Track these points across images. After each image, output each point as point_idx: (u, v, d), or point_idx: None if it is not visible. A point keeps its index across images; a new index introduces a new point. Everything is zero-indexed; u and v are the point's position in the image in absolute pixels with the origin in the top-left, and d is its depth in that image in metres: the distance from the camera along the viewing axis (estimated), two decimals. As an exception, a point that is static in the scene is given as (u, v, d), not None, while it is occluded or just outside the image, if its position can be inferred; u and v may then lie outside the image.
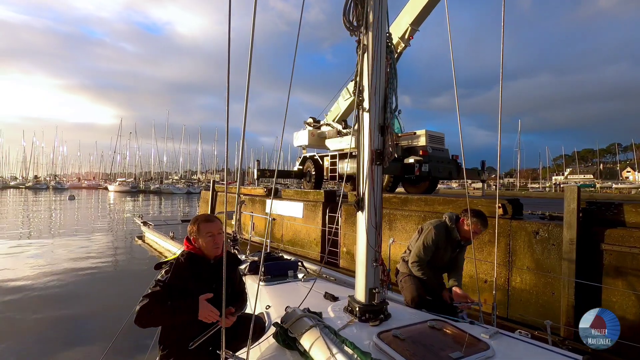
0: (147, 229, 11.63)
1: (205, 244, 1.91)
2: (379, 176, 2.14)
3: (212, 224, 1.95)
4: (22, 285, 6.90)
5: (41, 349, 4.40)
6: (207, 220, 1.98)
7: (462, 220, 2.90)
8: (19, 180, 65.77)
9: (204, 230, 1.92)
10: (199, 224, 1.95)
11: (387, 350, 1.55)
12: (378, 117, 2.11)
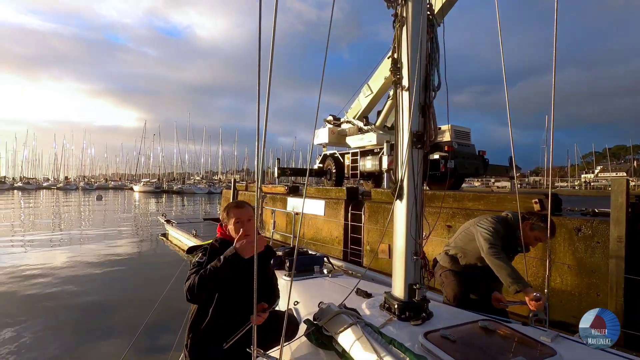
0: (171, 227, 11.78)
1: (233, 230, 1.83)
2: (419, 161, 1.95)
3: (242, 210, 1.86)
4: (53, 278, 7.12)
5: (70, 338, 4.49)
6: (237, 206, 1.89)
7: (527, 223, 2.51)
8: (51, 181, 68.64)
9: (233, 215, 1.84)
10: (228, 210, 1.88)
11: (437, 353, 1.37)
12: (418, 96, 1.92)
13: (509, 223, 2.56)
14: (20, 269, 7.95)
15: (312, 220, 8.86)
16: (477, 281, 2.64)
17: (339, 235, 8.03)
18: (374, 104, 12.47)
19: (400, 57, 1.98)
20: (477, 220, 2.69)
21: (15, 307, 5.62)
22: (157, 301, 3.02)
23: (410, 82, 1.92)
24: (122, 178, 77.69)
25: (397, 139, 2.00)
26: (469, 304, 2.46)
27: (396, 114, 2.02)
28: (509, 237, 2.53)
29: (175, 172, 67.18)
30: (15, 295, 6.13)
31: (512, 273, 2.29)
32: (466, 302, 2.50)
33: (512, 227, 2.53)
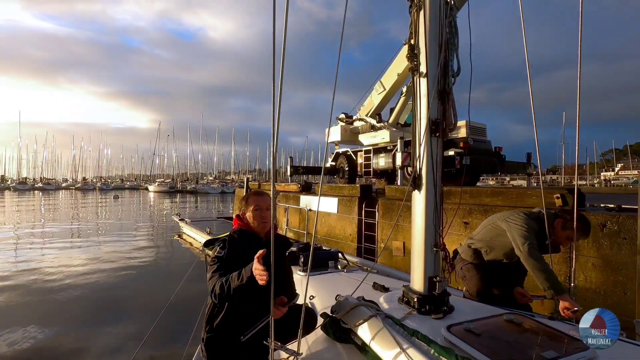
0: (185, 225, 11.92)
1: (251, 218, 1.82)
2: (437, 149, 1.88)
3: (261, 198, 1.86)
4: (73, 273, 7.30)
5: (87, 330, 4.61)
6: (257, 194, 1.89)
7: (559, 221, 2.38)
8: (69, 182, 70.47)
9: (253, 202, 1.83)
10: (248, 197, 1.87)
11: (462, 346, 1.30)
12: (437, 82, 1.86)
13: (541, 220, 2.40)
14: (44, 263, 8.19)
15: (324, 217, 8.82)
16: (500, 277, 2.54)
17: (353, 232, 7.96)
18: (387, 101, 12.35)
19: (417, 42, 1.92)
20: (507, 215, 2.54)
21: (38, 299, 5.78)
22: (172, 295, 3.02)
23: (428, 68, 1.85)
24: (137, 178, 79.23)
25: (415, 128, 1.94)
26: (491, 298, 2.37)
27: (414, 102, 1.95)
28: (541, 235, 2.38)
29: (189, 172, 68.17)
30: (39, 289, 6.29)
31: (549, 276, 2.16)
32: (489, 297, 2.41)
33: (542, 224, 2.38)
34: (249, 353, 1.70)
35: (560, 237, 2.38)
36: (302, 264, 3.03)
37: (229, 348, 1.70)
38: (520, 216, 2.44)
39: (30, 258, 9.02)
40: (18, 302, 5.72)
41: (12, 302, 5.74)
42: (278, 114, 1.32)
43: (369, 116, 12.56)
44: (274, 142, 1.35)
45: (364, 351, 1.45)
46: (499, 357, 1.24)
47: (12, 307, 5.53)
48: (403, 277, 2.88)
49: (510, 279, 2.52)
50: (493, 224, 2.61)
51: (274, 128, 1.32)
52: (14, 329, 4.64)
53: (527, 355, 1.28)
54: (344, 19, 1.90)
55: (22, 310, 5.39)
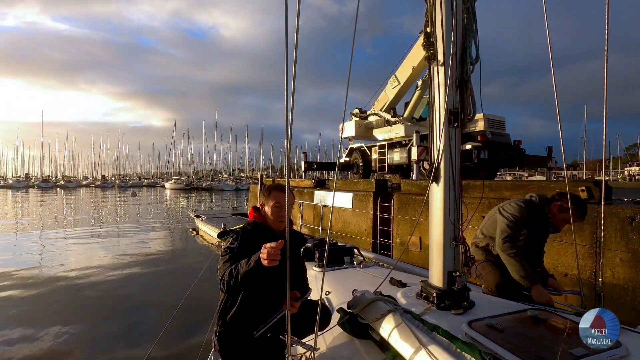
0: (200, 221, 12.09)
1: (270, 213, 1.80)
2: (456, 140, 1.82)
3: (280, 194, 1.83)
4: (93, 268, 7.49)
5: (103, 326, 4.71)
6: (279, 189, 1.85)
7: (556, 204, 2.43)
8: (89, 180, 72.55)
9: (274, 198, 1.80)
10: (270, 191, 1.84)
11: (484, 342, 1.26)
12: (455, 70, 1.79)
13: (535, 205, 2.48)
14: (66, 257, 8.46)
15: (339, 213, 8.78)
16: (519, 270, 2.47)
17: (368, 228, 7.91)
18: (402, 95, 12.18)
19: (433, 30, 1.85)
20: (502, 205, 2.59)
21: (58, 295, 5.95)
22: (189, 289, 3.05)
23: (445, 56, 1.79)
24: (154, 176, 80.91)
25: (432, 119, 1.88)
26: (512, 293, 2.30)
27: (431, 92, 1.90)
28: (537, 220, 2.45)
29: (204, 169, 69.15)
30: (61, 283, 6.50)
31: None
32: (509, 291, 2.33)
33: (539, 209, 2.46)
34: (263, 348, 1.69)
35: (557, 219, 2.44)
36: (317, 260, 3.01)
37: (242, 342, 1.69)
38: (512, 206, 2.49)
39: (53, 253, 9.32)
40: (40, 296, 5.92)
41: (34, 295, 5.94)
42: (291, 110, 1.30)
43: (384, 111, 12.41)
44: (288, 136, 1.32)
45: (383, 347, 1.42)
46: (525, 354, 1.19)
47: (34, 300, 5.72)
48: (420, 272, 2.83)
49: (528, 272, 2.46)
50: (492, 217, 2.63)
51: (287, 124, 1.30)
52: (34, 321, 4.81)
53: (553, 352, 1.22)
54: (357, 15, 1.85)
55: (44, 304, 5.58)
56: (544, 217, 2.46)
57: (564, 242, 4.51)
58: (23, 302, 5.66)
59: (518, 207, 2.45)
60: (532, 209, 2.46)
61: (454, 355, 1.14)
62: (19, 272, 7.31)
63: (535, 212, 2.46)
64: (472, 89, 1.84)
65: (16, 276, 7.01)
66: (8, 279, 6.80)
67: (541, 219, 2.46)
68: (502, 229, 2.42)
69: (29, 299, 5.77)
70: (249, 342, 1.66)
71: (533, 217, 2.44)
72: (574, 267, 4.33)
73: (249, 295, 1.70)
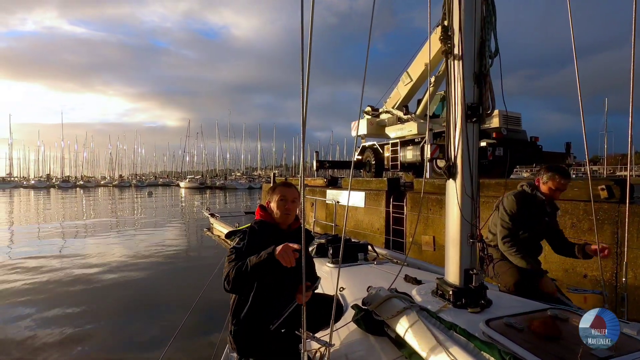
0: (215, 220, 12.23)
1: (275, 207, 1.80)
2: (474, 135, 1.79)
3: (288, 189, 1.83)
4: (110, 264, 7.68)
5: (120, 323, 4.84)
6: (285, 185, 1.88)
7: (538, 179, 2.52)
8: (107, 179, 74.27)
9: (279, 192, 1.81)
10: (275, 187, 1.85)
11: (502, 341, 1.23)
12: (473, 64, 1.76)
13: (526, 193, 2.52)
14: (85, 254, 8.70)
15: (351, 211, 8.76)
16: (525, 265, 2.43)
17: (380, 227, 7.86)
18: (414, 92, 12.05)
19: (451, 23, 1.82)
20: (499, 200, 2.62)
21: (78, 289, 6.13)
22: (204, 287, 3.09)
23: (463, 50, 1.76)
24: (169, 175, 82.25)
25: (449, 114, 1.85)
26: (531, 293, 2.24)
27: (448, 87, 1.86)
28: (533, 206, 2.48)
29: (218, 168, 69.91)
30: (77, 279, 6.68)
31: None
32: (528, 289, 2.27)
33: (531, 196, 2.50)
34: (278, 343, 1.69)
35: (547, 194, 2.47)
36: (331, 256, 3.01)
37: (257, 339, 1.69)
38: (506, 200, 2.51)
39: (73, 250, 9.61)
40: (61, 291, 6.10)
41: (55, 290, 6.13)
42: (305, 107, 1.29)
43: (396, 108, 12.30)
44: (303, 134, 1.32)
45: (399, 344, 1.40)
46: (545, 354, 1.16)
47: (54, 295, 5.90)
48: (435, 270, 2.79)
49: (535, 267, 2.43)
50: (495, 213, 2.62)
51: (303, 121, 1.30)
52: (53, 315, 4.97)
53: (574, 353, 1.19)
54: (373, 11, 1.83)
55: (63, 299, 5.74)
56: (538, 200, 2.48)
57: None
58: (47, 295, 5.85)
59: (511, 200, 2.48)
60: (525, 198, 2.48)
61: (472, 354, 1.12)
62: (42, 268, 7.55)
63: (528, 200, 2.48)
64: (490, 82, 1.81)
65: (40, 271, 7.24)
66: (33, 274, 7.04)
67: (536, 203, 2.48)
68: (500, 228, 2.47)
69: (51, 293, 5.96)
70: (264, 338, 1.67)
71: (527, 205, 2.46)
72: (593, 268, 4.21)
73: (260, 291, 1.71)
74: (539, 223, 2.53)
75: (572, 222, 4.32)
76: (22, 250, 9.68)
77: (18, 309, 5.29)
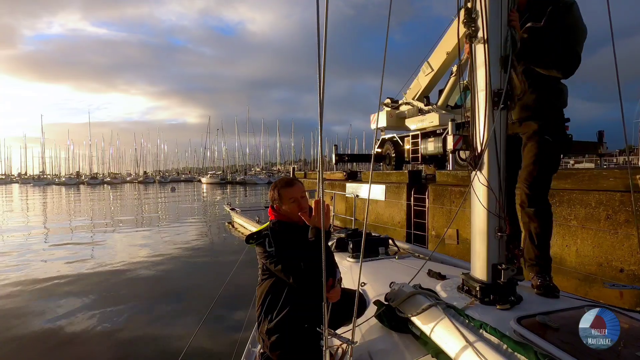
0: (235, 214, 12.41)
1: (290, 210, 1.75)
2: (501, 124, 1.69)
3: (293, 188, 1.78)
4: (136, 258, 7.94)
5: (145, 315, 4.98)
6: (287, 185, 1.80)
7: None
8: (132, 176, 76.83)
9: (286, 196, 1.76)
10: (278, 190, 1.78)
11: (536, 341, 1.15)
12: (500, 47, 1.66)
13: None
14: (114, 248, 9.07)
15: (371, 205, 8.67)
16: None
17: (401, 220, 7.75)
18: (435, 83, 11.76)
19: (474, 5, 1.72)
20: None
21: (103, 283, 6.38)
22: (225, 280, 3.12)
23: (488, 32, 1.66)
24: (191, 171, 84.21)
25: (473, 102, 1.76)
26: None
27: (471, 73, 1.77)
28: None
29: (237, 164, 71.02)
30: (105, 272, 6.95)
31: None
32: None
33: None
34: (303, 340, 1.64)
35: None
36: (351, 250, 2.97)
37: (292, 337, 1.64)
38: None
39: (103, 243, 10.02)
40: (90, 283, 6.38)
41: (84, 282, 6.40)
42: (322, 100, 1.25)
43: (416, 99, 12.05)
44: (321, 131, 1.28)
45: (423, 342, 1.35)
46: (585, 356, 1.08)
47: (84, 287, 6.17)
48: (459, 264, 2.70)
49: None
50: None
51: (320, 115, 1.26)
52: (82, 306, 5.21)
53: (619, 355, 1.10)
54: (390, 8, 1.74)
55: (93, 289, 6.01)
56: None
57: (619, 234, 4.16)
58: (81, 286, 6.13)
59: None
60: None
61: (504, 355, 1.05)
62: (73, 262, 7.90)
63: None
64: (517, 66, 1.70)
65: (69, 264, 7.58)
66: (64, 265, 7.37)
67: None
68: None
69: (86, 284, 6.25)
70: (296, 335, 1.62)
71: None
72: (631, 262, 3.98)
73: (293, 289, 1.67)
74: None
75: (607, 213, 4.10)
76: (58, 242, 10.24)
77: (53, 296, 5.67)
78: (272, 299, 1.70)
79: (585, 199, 4.26)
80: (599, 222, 4.14)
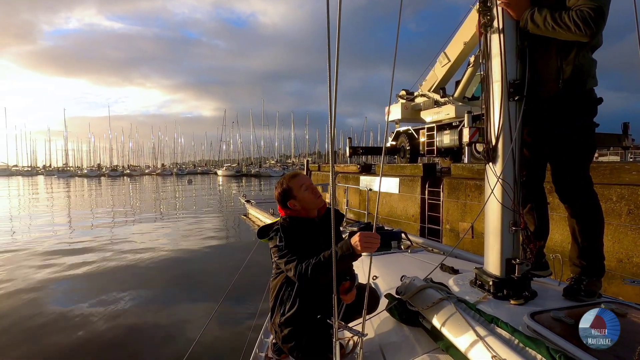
0: (250, 206, 12.57)
1: (307, 198, 1.74)
2: (516, 116, 1.65)
3: (301, 177, 1.78)
4: (154, 248, 8.19)
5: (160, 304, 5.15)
6: (294, 177, 1.80)
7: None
8: (151, 168, 78.59)
9: (298, 185, 1.75)
10: (288, 184, 1.76)
11: (551, 337, 1.14)
12: (516, 36, 1.61)
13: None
14: (132, 238, 9.39)
15: (385, 198, 8.63)
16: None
17: (415, 213, 7.68)
18: (452, 74, 11.50)
19: (491, -7, 1.67)
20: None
21: (123, 271, 6.62)
22: (239, 272, 3.19)
23: (504, 21, 1.61)
24: (207, 164, 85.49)
25: (488, 93, 1.72)
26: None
27: (486, 63, 1.73)
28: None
29: (252, 156, 71.65)
30: (124, 261, 7.20)
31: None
32: None
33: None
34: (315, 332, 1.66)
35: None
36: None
37: (305, 330, 1.65)
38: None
39: (122, 233, 10.36)
40: (108, 271, 6.64)
41: (103, 271, 6.66)
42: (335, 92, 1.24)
43: (432, 91, 11.83)
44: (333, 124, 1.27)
45: (434, 336, 1.35)
46: (600, 352, 1.06)
47: (102, 275, 6.42)
48: (473, 259, 2.67)
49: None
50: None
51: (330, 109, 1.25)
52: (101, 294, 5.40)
53: (636, 352, 1.07)
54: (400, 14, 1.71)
55: (111, 278, 6.24)
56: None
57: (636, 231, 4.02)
58: (100, 273, 6.38)
59: None
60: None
61: (515, 350, 1.04)
62: (93, 251, 8.19)
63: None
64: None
65: (92, 253, 7.87)
66: (85, 254, 7.66)
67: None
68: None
69: (94, 271, 6.50)
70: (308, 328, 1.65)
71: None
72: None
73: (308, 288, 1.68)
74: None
75: (628, 208, 3.96)
76: (82, 231, 10.73)
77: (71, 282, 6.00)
78: (285, 292, 1.72)
79: (606, 193, 4.12)
80: (620, 217, 4.01)
